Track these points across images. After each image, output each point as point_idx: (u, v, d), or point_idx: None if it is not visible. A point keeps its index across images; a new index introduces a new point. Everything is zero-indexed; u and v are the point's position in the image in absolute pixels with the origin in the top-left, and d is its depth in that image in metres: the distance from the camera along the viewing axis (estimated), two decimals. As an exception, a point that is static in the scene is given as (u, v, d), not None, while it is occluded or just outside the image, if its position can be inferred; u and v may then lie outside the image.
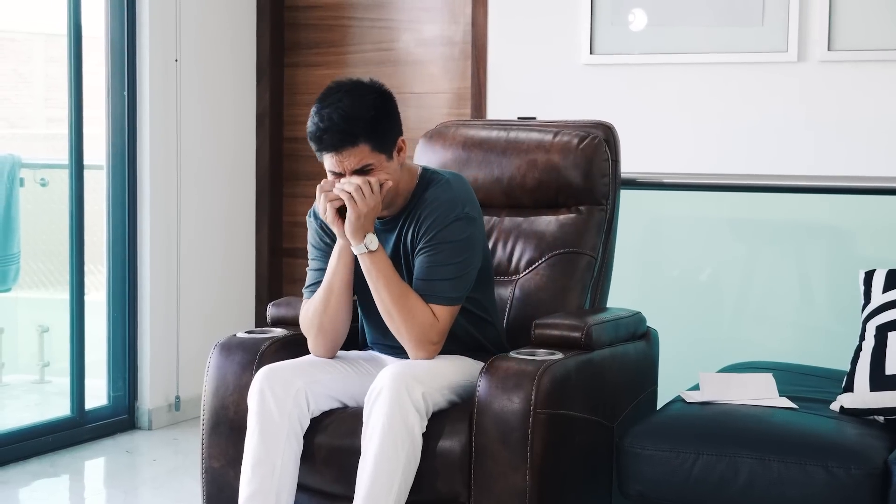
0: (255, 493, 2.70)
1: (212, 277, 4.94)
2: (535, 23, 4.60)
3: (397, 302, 2.77)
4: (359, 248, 2.79)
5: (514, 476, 2.61)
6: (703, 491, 2.58)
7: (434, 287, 2.80)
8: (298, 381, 2.76)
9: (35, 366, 5.01)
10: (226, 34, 4.97)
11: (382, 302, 2.79)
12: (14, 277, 4.61)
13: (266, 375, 2.76)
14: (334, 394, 2.83)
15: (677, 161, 4.35)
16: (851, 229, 3.94)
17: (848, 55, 4.18)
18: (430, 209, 2.83)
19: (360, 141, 2.75)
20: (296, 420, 2.74)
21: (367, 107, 2.76)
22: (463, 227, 2.83)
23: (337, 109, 2.74)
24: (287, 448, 2.72)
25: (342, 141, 2.75)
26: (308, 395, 2.76)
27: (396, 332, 2.81)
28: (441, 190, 2.86)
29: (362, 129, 2.74)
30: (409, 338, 2.79)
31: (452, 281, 2.80)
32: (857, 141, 4.20)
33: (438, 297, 2.80)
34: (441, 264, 2.80)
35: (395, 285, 2.79)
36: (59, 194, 4.55)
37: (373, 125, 2.76)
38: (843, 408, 2.77)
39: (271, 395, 2.73)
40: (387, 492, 2.61)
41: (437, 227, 2.81)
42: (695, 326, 4.05)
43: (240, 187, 5.08)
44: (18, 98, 5.09)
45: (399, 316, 2.78)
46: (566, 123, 3.35)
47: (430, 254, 2.81)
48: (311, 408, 2.77)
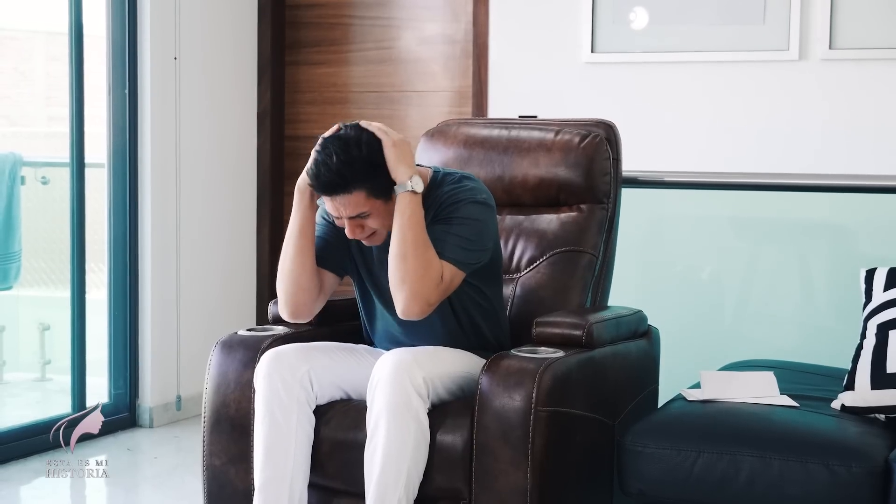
0: (270, 480, 2.70)
1: (213, 275, 4.94)
2: (536, 21, 4.60)
3: (418, 247, 2.72)
4: (402, 186, 2.75)
5: (515, 474, 2.61)
6: (704, 489, 2.59)
7: (445, 245, 2.77)
8: (303, 365, 2.76)
9: (36, 364, 5.02)
10: (227, 32, 4.97)
11: (403, 243, 2.72)
12: (15, 275, 4.61)
13: (272, 359, 2.76)
14: (337, 381, 2.83)
15: (678, 159, 4.35)
16: (853, 228, 3.94)
17: (849, 53, 4.18)
18: (447, 196, 2.83)
19: (355, 188, 2.73)
20: (304, 403, 2.74)
21: (361, 148, 2.73)
22: (479, 210, 2.84)
23: (332, 153, 2.73)
24: (299, 431, 2.72)
25: (337, 187, 2.73)
26: (312, 378, 2.77)
27: (401, 278, 2.72)
28: (457, 184, 2.87)
29: (358, 173, 2.72)
30: (411, 286, 2.72)
31: (464, 248, 2.79)
32: (859, 139, 4.20)
33: (448, 256, 2.77)
34: (456, 233, 2.79)
35: (421, 232, 2.74)
36: (60, 192, 4.55)
37: (369, 167, 2.74)
38: (844, 406, 2.77)
39: (279, 378, 2.73)
40: (397, 477, 2.61)
41: (453, 206, 2.82)
42: (696, 325, 4.05)
43: (241, 185, 5.08)
44: (19, 96, 5.09)
45: (413, 260, 2.71)
46: (567, 122, 3.35)
47: (445, 223, 2.80)
48: (315, 391, 2.77)
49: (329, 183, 2.73)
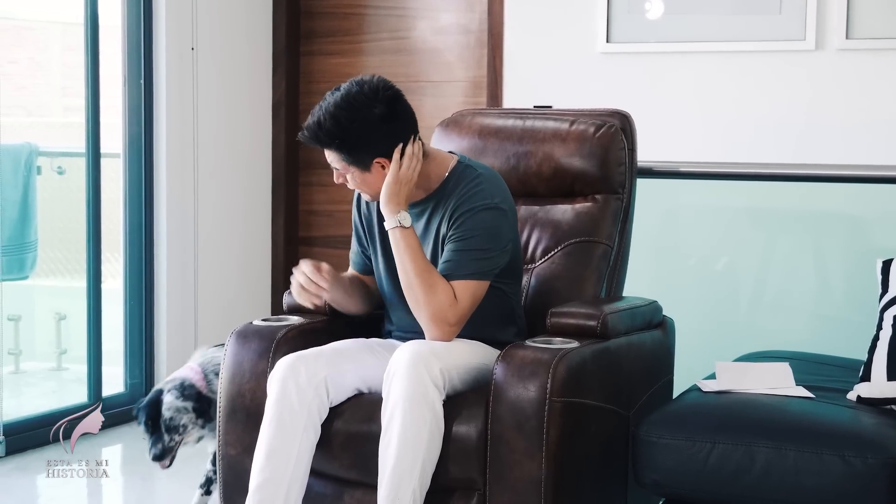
0: (268, 481, 2.70)
1: (228, 266, 4.95)
2: (551, 11, 4.59)
3: (420, 274, 2.77)
4: (391, 221, 2.80)
5: (529, 464, 2.61)
6: (718, 480, 2.58)
7: (460, 265, 2.80)
8: (323, 370, 2.76)
9: (52, 353, 5.04)
10: (242, 23, 4.97)
11: (406, 274, 2.79)
12: (31, 265, 4.63)
13: (290, 365, 2.75)
14: (355, 383, 2.83)
15: (693, 150, 4.34)
16: (869, 218, 3.92)
17: (866, 43, 4.16)
18: (460, 200, 2.84)
19: (329, 148, 2.83)
20: (315, 411, 2.74)
21: (345, 119, 2.78)
22: (491, 216, 2.84)
23: (320, 111, 2.81)
24: (304, 439, 2.72)
25: (311, 140, 2.83)
26: (329, 385, 2.76)
27: (416, 306, 2.79)
28: (473, 183, 2.87)
29: (329, 141, 2.81)
30: (427, 312, 2.77)
31: (480, 259, 2.81)
32: (875, 129, 4.18)
33: (464, 274, 2.79)
34: (468, 248, 2.80)
35: (421, 260, 2.79)
36: (76, 182, 4.57)
37: (342, 139, 2.79)
38: (859, 397, 2.77)
39: (294, 384, 2.73)
40: (412, 467, 2.61)
41: (466, 215, 2.82)
42: (711, 315, 4.04)
43: (256, 176, 5.09)
44: (36, 87, 5.11)
45: (420, 288, 2.76)
46: (582, 112, 3.34)
47: (459, 240, 2.82)
48: (330, 398, 2.78)
49: (310, 132, 2.83)
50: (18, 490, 3.82)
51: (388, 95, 2.82)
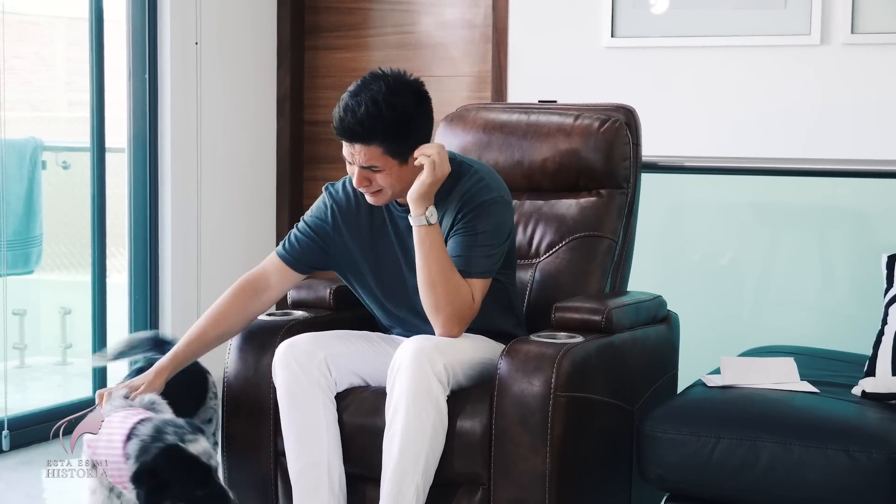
0: (308, 466, 2.71)
1: (232, 260, 4.95)
2: (556, 6, 4.58)
3: (444, 274, 2.75)
4: (419, 219, 2.77)
5: (534, 459, 2.61)
6: (723, 475, 2.58)
7: (472, 261, 2.79)
8: (320, 352, 2.77)
9: (57, 348, 5.04)
10: (246, 17, 4.97)
11: (430, 273, 2.75)
12: (36, 260, 4.63)
13: (288, 348, 2.77)
14: (354, 368, 2.84)
15: (698, 144, 4.33)
16: (874, 213, 3.92)
17: (871, 38, 4.15)
18: (468, 195, 2.83)
19: (374, 142, 2.74)
20: (326, 386, 2.76)
21: (394, 107, 2.73)
22: (499, 210, 2.84)
23: (363, 103, 2.72)
24: (326, 414, 2.73)
25: (355, 136, 2.75)
26: (330, 365, 2.77)
27: (435, 305, 2.77)
28: (476, 178, 2.86)
29: (379, 131, 2.73)
30: (447, 312, 2.76)
31: (489, 256, 2.81)
32: (881, 124, 4.17)
33: (475, 272, 2.79)
34: (481, 244, 2.80)
35: (445, 259, 2.77)
36: (80, 177, 4.57)
37: (393, 129, 2.74)
38: (864, 392, 2.76)
39: (298, 366, 2.74)
40: (415, 462, 2.62)
41: (477, 209, 2.81)
42: (716, 310, 4.04)
43: (260, 170, 5.09)
44: (40, 81, 5.11)
45: (443, 288, 2.75)
46: (587, 107, 3.34)
47: (468, 234, 2.81)
48: (333, 376, 2.78)
49: (350, 130, 2.74)
50: (23, 484, 3.82)
51: (416, 83, 2.82)
